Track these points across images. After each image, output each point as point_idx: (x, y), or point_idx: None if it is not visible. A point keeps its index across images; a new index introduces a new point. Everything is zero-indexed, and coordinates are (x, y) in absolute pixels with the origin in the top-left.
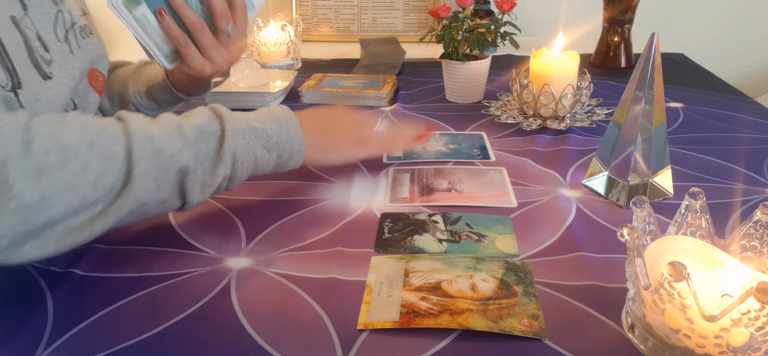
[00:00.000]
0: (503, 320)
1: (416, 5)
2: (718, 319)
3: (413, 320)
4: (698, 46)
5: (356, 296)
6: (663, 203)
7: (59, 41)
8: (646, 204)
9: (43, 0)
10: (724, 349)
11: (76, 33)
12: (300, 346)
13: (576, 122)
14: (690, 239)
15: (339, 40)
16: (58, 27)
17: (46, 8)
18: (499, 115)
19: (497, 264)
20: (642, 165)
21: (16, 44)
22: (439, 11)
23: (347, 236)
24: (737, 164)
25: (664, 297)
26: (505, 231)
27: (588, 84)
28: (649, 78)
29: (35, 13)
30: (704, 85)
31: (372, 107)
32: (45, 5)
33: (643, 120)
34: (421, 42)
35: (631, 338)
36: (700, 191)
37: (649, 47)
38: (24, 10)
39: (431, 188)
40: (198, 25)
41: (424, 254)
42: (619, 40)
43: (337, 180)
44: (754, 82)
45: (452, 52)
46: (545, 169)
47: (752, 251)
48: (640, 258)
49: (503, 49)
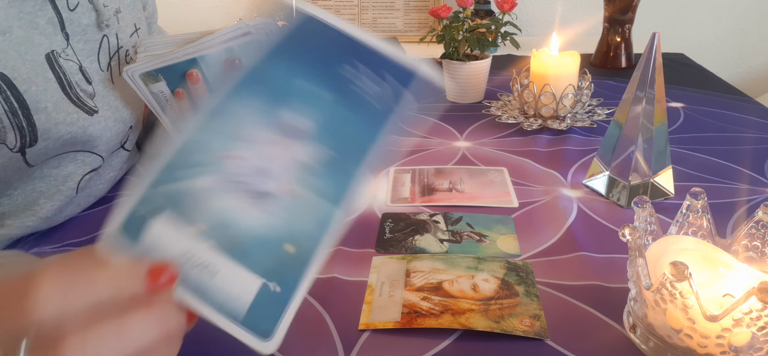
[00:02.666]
0: (505, 320)
1: (416, 5)
2: (719, 319)
3: (414, 320)
4: (699, 46)
5: (357, 296)
6: (664, 203)
7: (102, 70)
8: (647, 204)
9: (88, 27)
10: (725, 349)
11: (120, 58)
12: (301, 346)
13: (577, 122)
14: (691, 239)
15: None
16: (102, 54)
17: (89, 35)
18: (500, 115)
19: (498, 264)
20: (643, 165)
21: (46, 89)
22: (440, 11)
23: (348, 236)
24: (738, 164)
25: (666, 297)
26: (506, 231)
27: (589, 84)
28: (650, 78)
29: (78, 41)
30: (705, 85)
31: None
32: (89, 32)
33: (643, 120)
34: (421, 42)
35: (632, 338)
36: (702, 191)
37: (650, 47)
38: (67, 41)
39: (432, 188)
40: None
41: (426, 255)
42: (619, 40)
43: None
44: (754, 82)
45: (453, 52)
46: (546, 169)
47: (754, 251)
48: (641, 258)
49: (504, 49)
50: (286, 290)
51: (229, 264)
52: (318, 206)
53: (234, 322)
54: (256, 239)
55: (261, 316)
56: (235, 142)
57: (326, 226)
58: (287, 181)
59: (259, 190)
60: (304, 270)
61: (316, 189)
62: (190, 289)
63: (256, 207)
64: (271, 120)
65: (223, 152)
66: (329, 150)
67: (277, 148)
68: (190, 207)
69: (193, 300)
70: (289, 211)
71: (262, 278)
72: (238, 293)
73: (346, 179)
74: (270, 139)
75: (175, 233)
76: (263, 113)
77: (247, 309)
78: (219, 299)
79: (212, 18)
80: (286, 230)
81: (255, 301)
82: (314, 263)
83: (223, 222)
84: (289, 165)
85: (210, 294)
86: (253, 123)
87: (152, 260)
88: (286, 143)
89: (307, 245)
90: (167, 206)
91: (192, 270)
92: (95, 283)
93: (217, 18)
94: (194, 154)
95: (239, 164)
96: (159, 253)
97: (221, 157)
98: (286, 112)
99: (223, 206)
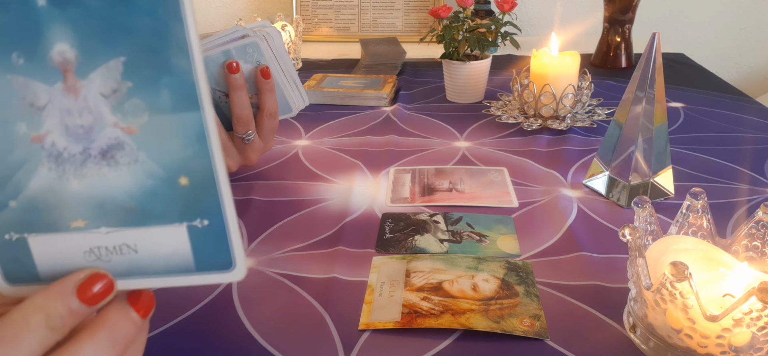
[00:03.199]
0: (505, 320)
1: (417, 5)
2: (719, 319)
3: (415, 320)
4: (699, 46)
5: (358, 296)
6: (664, 203)
7: None
8: (647, 204)
9: None
10: (725, 349)
11: None
12: (301, 346)
13: (577, 122)
14: (691, 239)
15: (339, 40)
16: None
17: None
18: (500, 115)
19: (498, 264)
20: (643, 165)
21: None
22: (440, 11)
23: (348, 236)
24: (738, 164)
25: (666, 297)
26: (506, 231)
27: (589, 84)
28: (650, 78)
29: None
30: (705, 85)
31: (373, 107)
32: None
33: (644, 120)
34: (421, 42)
35: (632, 338)
36: (702, 191)
37: (650, 47)
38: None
39: (432, 188)
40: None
41: (426, 255)
42: (619, 40)
43: (338, 180)
44: (754, 82)
45: (453, 52)
46: (546, 169)
47: (754, 251)
48: (641, 258)
49: (504, 49)
50: (214, 217)
51: (140, 233)
52: (170, 121)
53: (191, 274)
54: (143, 196)
55: (210, 254)
56: (28, 120)
57: (202, 136)
58: (111, 121)
59: (97, 152)
60: (214, 189)
61: (151, 107)
62: (125, 275)
63: (110, 169)
64: (40, 70)
65: (27, 138)
66: (118, 57)
67: (69, 97)
68: (50, 214)
69: (137, 281)
70: (146, 147)
71: (182, 222)
72: (172, 249)
73: (168, 75)
74: (55, 92)
75: (61, 241)
76: (27, 67)
77: (192, 256)
78: (160, 266)
79: (213, 19)
80: (160, 166)
81: (193, 246)
82: (219, 175)
83: (95, 205)
84: (97, 103)
85: (147, 267)
86: (24, 88)
87: (73, 277)
88: (70, 84)
89: (198, 165)
90: (27, 229)
91: (112, 259)
92: (21, 336)
93: (218, 18)
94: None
95: (53, 139)
96: (62, 267)
97: (29, 144)
98: (48, 50)
99: (78, 189)
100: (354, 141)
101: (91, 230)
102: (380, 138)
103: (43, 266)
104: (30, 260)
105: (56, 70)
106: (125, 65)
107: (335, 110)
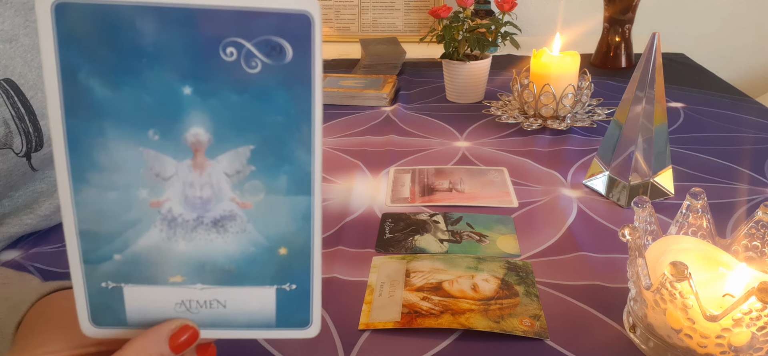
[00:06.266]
0: (504, 320)
1: (417, 5)
2: (719, 319)
3: (414, 320)
4: (699, 46)
5: (357, 296)
6: (664, 203)
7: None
8: (647, 204)
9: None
10: (725, 349)
11: None
12: (301, 346)
13: (577, 122)
14: (691, 239)
15: (339, 40)
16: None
17: None
18: (500, 115)
19: (498, 264)
20: (643, 165)
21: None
22: (440, 11)
23: (348, 236)
24: (738, 164)
25: (666, 297)
26: (506, 231)
27: (588, 84)
28: (650, 78)
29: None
30: (705, 85)
31: (373, 107)
32: None
33: (643, 120)
34: (421, 42)
35: (632, 338)
36: (702, 191)
37: (650, 47)
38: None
39: (432, 188)
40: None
41: (426, 255)
42: (619, 40)
43: (338, 180)
44: (754, 82)
45: (453, 52)
46: (546, 169)
47: (753, 251)
48: (641, 258)
49: (504, 49)
50: (301, 283)
51: (232, 291)
52: (282, 202)
53: (270, 329)
54: (242, 260)
55: (291, 313)
56: (151, 187)
57: (308, 215)
58: (229, 196)
59: (209, 220)
60: (307, 260)
61: (268, 188)
62: (211, 326)
63: (218, 235)
64: (172, 147)
65: (146, 202)
66: (247, 145)
67: (195, 172)
68: (151, 269)
69: (219, 332)
70: (255, 220)
71: (273, 285)
72: (258, 307)
73: (289, 164)
74: (182, 167)
75: (156, 293)
76: (161, 143)
77: (275, 313)
78: (243, 320)
79: None
80: (265, 237)
81: (278, 305)
82: (315, 249)
83: (196, 265)
84: (219, 180)
85: (231, 320)
86: (154, 160)
87: (167, 325)
88: (198, 162)
89: (299, 239)
90: (125, 280)
91: (201, 311)
92: None
93: None
94: (113, 217)
95: (170, 205)
96: (151, 315)
97: (147, 208)
98: (184, 131)
99: (184, 250)
100: (354, 141)
101: (187, 286)
102: (380, 138)
103: (133, 312)
104: (121, 306)
105: (188, 149)
106: (253, 153)
107: (335, 109)
